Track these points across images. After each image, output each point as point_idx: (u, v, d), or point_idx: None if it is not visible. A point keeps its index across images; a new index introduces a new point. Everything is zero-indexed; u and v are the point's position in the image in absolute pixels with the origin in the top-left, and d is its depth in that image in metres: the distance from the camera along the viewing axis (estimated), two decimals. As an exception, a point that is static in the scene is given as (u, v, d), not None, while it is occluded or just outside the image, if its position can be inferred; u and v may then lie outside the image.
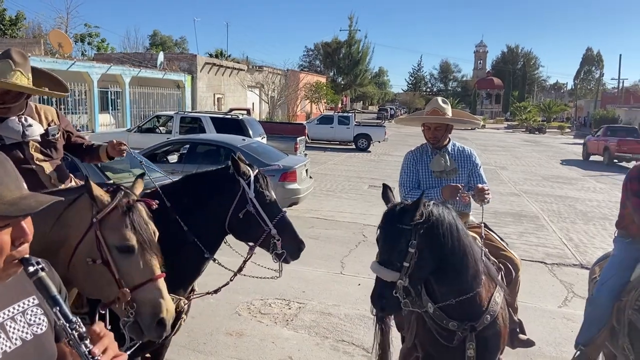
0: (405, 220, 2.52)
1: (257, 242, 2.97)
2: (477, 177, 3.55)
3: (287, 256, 2.97)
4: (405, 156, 3.72)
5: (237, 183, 2.92)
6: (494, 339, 2.81)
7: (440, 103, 3.64)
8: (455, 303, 2.67)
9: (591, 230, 10.20)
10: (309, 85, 41.28)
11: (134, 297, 1.91)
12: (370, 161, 20.64)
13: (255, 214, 2.89)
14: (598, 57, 78.86)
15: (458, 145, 3.70)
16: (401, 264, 2.49)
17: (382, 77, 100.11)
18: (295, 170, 9.49)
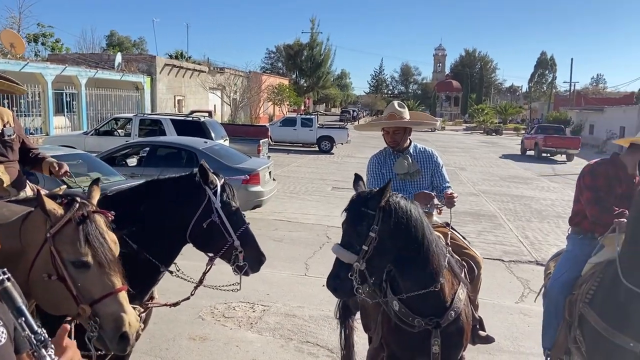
0: (370, 205, 2.61)
1: (219, 253, 2.90)
2: (440, 177, 3.64)
3: (247, 269, 2.93)
4: (369, 160, 3.78)
5: (202, 191, 2.85)
6: (458, 335, 2.89)
7: (396, 107, 3.70)
8: (419, 298, 2.73)
9: (545, 228, 10.58)
10: (272, 87, 41.17)
11: (95, 311, 1.85)
12: (334, 163, 20.76)
13: (220, 224, 2.83)
14: (551, 61, 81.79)
15: (420, 146, 3.78)
16: (360, 247, 2.56)
17: (345, 79, 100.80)
18: (258, 173, 9.45)
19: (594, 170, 3.31)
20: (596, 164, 3.35)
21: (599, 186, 3.22)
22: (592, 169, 3.31)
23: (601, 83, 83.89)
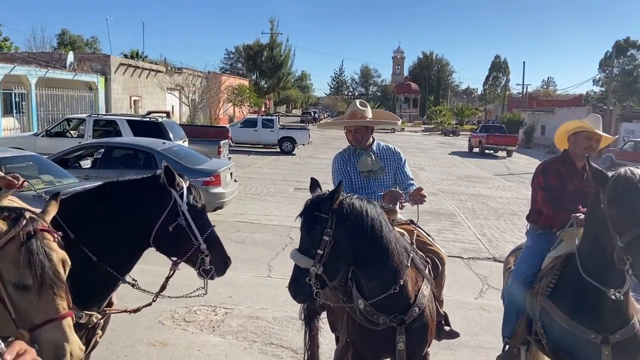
0: (323, 208, 2.61)
1: (184, 257, 2.82)
2: (403, 174, 3.66)
3: (213, 272, 2.85)
4: (334, 158, 3.78)
5: (167, 194, 2.76)
6: (422, 332, 2.91)
7: (358, 106, 3.71)
8: (384, 298, 2.74)
9: (502, 226, 10.87)
10: (232, 88, 40.75)
11: (35, 338, 1.70)
12: (296, 164, 20.72)
13: (186, 227, 2.75)
14: (504, 64, 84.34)
15: (383, 144, 3.79)
16: (315, 251, 2.56)
17: (305, 80, 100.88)
18: (219, 174, 9.31)
19: (545, 169, 3.40)
20: (547, 163, 3.45)
21: (552, 185, 3.31)
22: (544, 169, 3.41)
23: (551, 86, 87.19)
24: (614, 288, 2.63)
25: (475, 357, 4.90)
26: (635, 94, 52.23)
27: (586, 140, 3.28)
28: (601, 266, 2.66)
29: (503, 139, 29.42)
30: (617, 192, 2.53)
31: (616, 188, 2.54)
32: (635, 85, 53.01)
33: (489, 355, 4.95)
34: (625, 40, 58.60)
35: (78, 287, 1.96)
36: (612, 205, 2.54)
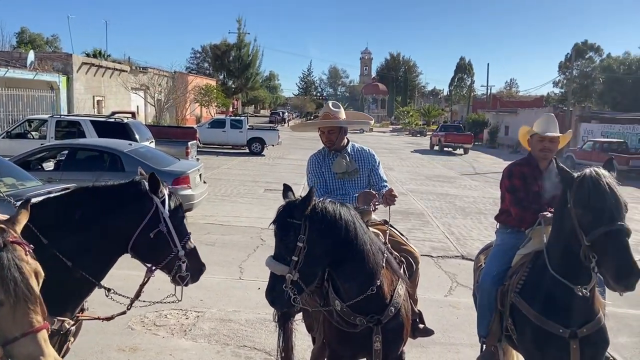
0: (295, 214, 2.62)
1: (161, 263, 2.80)
2: (377, 175, 3.69)
3: (188, 279, 2.86)
4: (309, 160, 3.78)
5: (148, 200, 2.75)
6: (398, 331, 2.95)
7: (331, 107, 3.72)
8: (361, 299, 2.76)
9: (469, 224, 11.10)
10: (199, 88, 40.23)
11: (9, 352, 1.66)
12: (265, 165, 20.62)
13: (167, 234, 2.75)
14: (469, 66, 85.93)
15: (357, 145, 3.82)
16: (290, 258, 2.57)
17: (273, 81, 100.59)
18: (188, 176, 9.19)
19: (510, 172, 3.50)
20: (512, 166, 3.55)
21: (517, 187, 3.41)
22: (509, 172, 3.51)
23: (514, 87, 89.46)
24: (581, 285, 2.73)
25: (446, 354, 4.99)
26: (593, 96, 54.02)
27: (539, 143, 3.39)
28: (568, 263, 2.76)
29: (459, 137, 32.47)
30: (583, 193, 2.62)
31: (582, 188, 2.64)
32: (593, 86, 54.81)
33: (459, 351, 5.06)
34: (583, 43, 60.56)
35: (51, 293, 1.91)
36: (578, 205, 2.63)
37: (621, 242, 2.49)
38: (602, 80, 50.91)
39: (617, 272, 2.48)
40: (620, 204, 2.58)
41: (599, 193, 2.58)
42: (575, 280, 2.75)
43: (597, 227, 2.53)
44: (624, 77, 45.92)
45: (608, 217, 2.54)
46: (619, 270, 2.48)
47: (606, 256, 2.52)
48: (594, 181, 2.61)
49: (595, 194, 2.58)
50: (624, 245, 2.48)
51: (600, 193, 2.58)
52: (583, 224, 2.61)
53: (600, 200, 2.57)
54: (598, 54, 60.11)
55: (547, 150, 3.38)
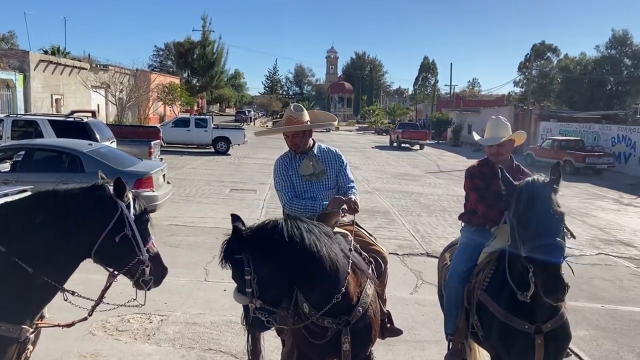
0: (235, 249, 2.57)
1: (124, 268, 2.78)
2: (345, 176, 3.69)
3: (151, 283, 2.85)
4: (275, 162, 3.75)
5: (113, 204, 2.72)
6: (367, 331, 2.95)
7: (293, 111, 3.67)
8: (327, 301, 2.75)
9: (434, 222, 11.27)
10: (162, 87, 39.48)
11: None
12: (231, 164, 20.41)
13: (132, 238, 2.73)
14: (433, 66, 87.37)
15: (324, 146, 3.80)
16: (245, 290, 2.55)
17: (239, 79, 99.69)
18: (151, 176, 9.00)
19: (470, 174, 3.60)
20: (471, 168, 3.65)
21: (479, 186, 3.51)
22: (469, 173, 3.60)
23: (476, 86, 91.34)
24: (522, 290, 2.82)
25: (412, 352, 5.04)
26: (551, 95, 55.69)
27: (488, 149, 3.53)
28: (517, 268, 2.85)
29: (415, 134, 35.41)
30: (521, 205, 2.71)
31: (520, 200, 2.72)
32: (551, 86, 56.50)
33: (425, 348, 5.12)
34: (542, 44, 62.34)
35: (10, 301, 1.85)
36: (515, 217, 2.73)
37: (548, 258, 2.57)
38: (560, 80, 52.54)
39: (545, 286, 2.59)
40: (551, 216, 2.65)
41: (533, 208, 2.66)
42: (520, 285, 2.84)
43: (530, 241, 2.63)
44: (580, 78, 47.52)
45: (540, 232, 2.61)
46: (547, 285, 2.58)
47: (537, 270, 2.62)
48: (529, 195, 2.69)
49: (530, 208, 2.66)
50: (550, 262, 2.57)
51: (535, 208, 2.65)
52: (520, 235, 2.70)
53: (534, 216, 2.65)
54: (556, 55, 62.02)
55: (497, 154, 3.50)
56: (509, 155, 3.56)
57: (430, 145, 39.66)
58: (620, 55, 46.89)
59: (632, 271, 8.31)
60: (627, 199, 17.04)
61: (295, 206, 3.48)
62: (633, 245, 10.09)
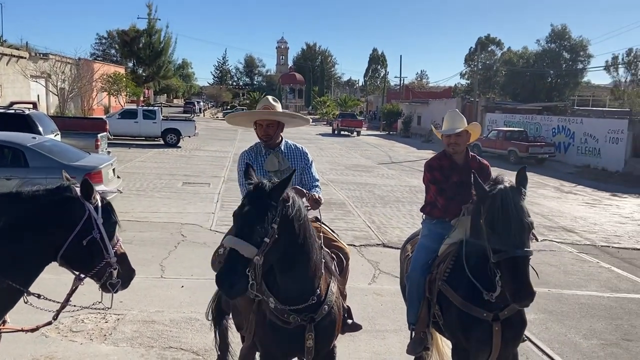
0: (273, 196, 2.52)
1: (92, 271, 2.70)
2: (309, 174, 3.69)
3: (119, 286, 2.79)
4: (239, 157, 3.69)
5: (79, 207, 2.63)
6: (331, 328, 2.97)
7: (271, 101, 3.68)
8: (296, 295, 2.76)
9: (389, 212, 11.47)
10: (106, 77, 38.00)
11: None
12: (182, 157, 19.97)
13: (100, 241, 2.65)
14: (382, 57, 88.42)
15: (290, 143, 3.76)
16: (262, 240, 2.43)
17: (187, 69, 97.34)
18: (100, 171, 8.69)
19: (430, 167, 3.71)
20: (431, 161, 3.76)
21: (438, 179, 3.62)
22: (429, 166, 3.71)
23: (424, 78, 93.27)
24: (489, 290, 2.94)
25: (373, 341, 5.14)
26: (496, 87, 57.68)
27: (447, 139, 3.64)
28: (480, 267, 2.96)
29: (352, 122, 40.68)
30: (493, 214, 2.80)
31: (492, 209, 2.81)
32: (495, 78, 58.49)
33: (385, 337, 5.24)
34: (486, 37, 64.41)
35: None
36: (487, 225, 2.82)
37: (518, 269, 2.70)
38: (504, 72, 54.47)
39: (514, 293, 2.70)
40: (523, 228, 2.77)
41: (505, 218, 2.75)
42: (485, 285, 2.96)
43: (501, 251, 2.73)
44: (522, 70, 49.44)
45: (511, 243, 2.72)
46: (516, 292, 2.70)
47: (506, 277, 2.73)
48: (502, 204, 2.78)
49: (502, 218, 2.76)
50: (520, 272, 2.69)
51: (507, 218, 2.75)
52: (491, 242, 2.80)
53: (506, 226, 2.75)
54: (499, 48, 64.23)
55: (454, 144, 3.62)
56: (465, 146, 3.68)
57: (381, 137, 40.35)
58: (560, 49, 49.14)
59: (575, 256, 8.79)
60: (567, 187, 17.95)
61: None
62: (574, 232, 10.67)
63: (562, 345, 5.24)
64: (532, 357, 4.89)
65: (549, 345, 5.19)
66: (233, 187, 13.25)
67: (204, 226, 9.26)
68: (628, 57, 54.70)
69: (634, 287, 7.29)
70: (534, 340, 5.18)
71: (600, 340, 5.41)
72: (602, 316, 6.10)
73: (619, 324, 5.89)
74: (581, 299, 6.63)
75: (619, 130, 22.45)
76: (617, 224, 11.79)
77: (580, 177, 20.79)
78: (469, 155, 3.70)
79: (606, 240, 10.12)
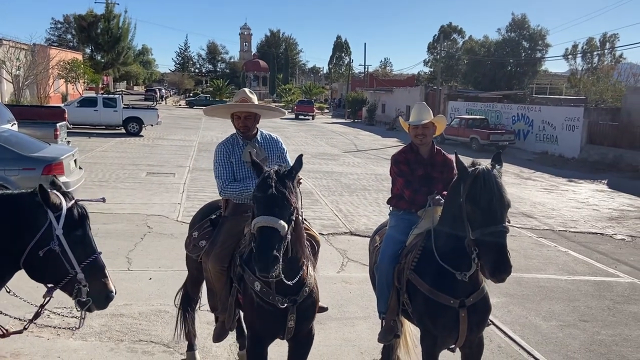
0: (290, 178, 2.86)
1: (58, 285, 2.59)
2: (285, 161, 3.79)
3: (91, 305, 2.66)
4: (216, 149, 3.76)
5: (43, 213, 2.49)
6: (311, 309, 3.17)
7: (248, 93, 3.79)
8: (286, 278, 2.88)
9: (355, 201, 11.60)
10: (63, 63, 36.68)
11: None
12: (145, 146, 19.57)
13: (61, 253, 2.51)
14: (346, 45, 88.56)
15: (265, 132, 3.88)
16: (289, 218, 2.72)
17: (147, 55, 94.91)
18: (61, 162, 8.44)
19: (396, 160, 3.79)
20: (397, 155, 3.85)
21: (404, 172, 3.71)
22: (395, 160, 3.80)
23: (388, 66, 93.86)
24: (462, 271, 3.05)
25: (343, 328, 5.23)
26: (458, 75, 58.65)
27: (414, 130, 3.73)
28: (454, 249, 3.06)
29: (307, 108, 46.93)
30: (475, 191, 2.88)
31: (474, 187, 2.89)
32: (458, 67, 59.44)
33: (354, 324, 5.34)
34: (448, 26, 65.30)
35: None
36: (469, 201, 2.90)
37: (500, 242, 2.79)
38: (466, 61, 55.39)
39: (493, 268, 2.80)
40: (504, 205, 2.87)
41: (488, 194, 2.85)
42: (458, 266, 3.07)
43: (483, 227, 2.82)
44: (483, 59, 50.38)
45: (493, 218, 2.82)
46: (495, 267, 2.79)
47: (486, 252, 2.82)
48: (485, 181, 2.88)
49: (485, 194, 2.85)
50: (502, 245, 2.78)
51: (489, 194, 2.85)
52: (471, 219, 2.89)
53: (488, 201, 2.84)
54: (461, 37, 65.22)
55: (421, 135, 3.71)
56: (431, 138, 3.78)
57: (347, 125, 40.56)
58: (519, 38, 50.24)
59: (534, 241, 9.13)
60: (527, 173, 18.54)
61: (229, 190, 3.61)
62: (533, 217, 11.06)
63: (523, 327, 5.47)
64: (495, 339, 5.09)
65: (511, 327, 5.41)
66: (199, 177, 13.12)
67: (170, 217, 9.15)
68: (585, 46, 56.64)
69: (589, 270, 7.65)
70: (497, 323, 5.39)
71: (559, 322, 5.67)
72: (561, 298, 6.39)
73: (576, 305, 6.19)
74: (540, 282, 6.92)
75: (575, 118, 23.28)
76: (573, 209, 12.28)
77: (539, 163, 21.49)
78: (435, 149, 3.80)
79: (563, 225, 10.54)
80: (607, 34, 55.50)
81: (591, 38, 56.99)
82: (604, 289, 6.82)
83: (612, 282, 7.16)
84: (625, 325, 5.67)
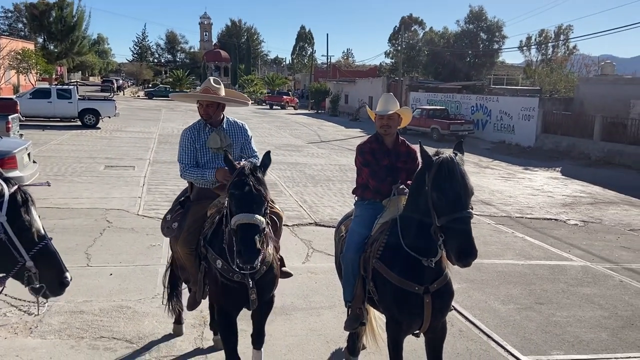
0: (261, 173, 3.12)
1: (9, 273, 2.53)
2: (249, 148, 4.00)
3: (46, 290, 2.59)
4: (182, 134, 3.93)
5: None
6: (270, 283, 3.53)
7: (212, 83, 3.92)
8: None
9: (319, 192, 11.64)
10: (14, 53, 35.16)
11: None
12: (102, 139, 19.02)
13: (7, 242, 2.44)
14: (309, 35, 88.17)
15: (231, 119, 4.03)
16: (264, 210, 3.02)
17: (103, 45, 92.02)
18: (14, 156, 8.13)
19: (361, 150, 3.83)
20: (362, 145, 3.88)
21: (369, 162, 3.75)
22: (360, 150, 3.83)
23: (350, 57, 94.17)
24: (428, 257, 3.12)
25: (309, 318, 5.26)
26: (419, 66, 59.35)
27: (379, 120, 3.79)
28: (420, 237, 3.11)
29: (276, 98, 51.75)
30: (440, 179, 2.94)
31: (439, 175, 2.95)
32: (418, 58, 60.14)
33: (320, 314, 5.38)
34: (409, 17, 65.86)
35: None
36: (434, 189, 2.96)
37: (465, 228, 2.86)
38: (426, 52, 56.11)
39: (459, 253, 2.86)
40: (468, 191, 2.94)
41: (452, 181, 2.91)
42: (424, 253, 3.13)
43: (448, 213, 2.88)
44: (443, 50, 51.18)
45: (458, 204, 2.88)
46: (461, 252, 2.85)
47: (453, 238, 2.88)
48: (449, 169, 2.93)
49: (450, 181, 2.91)
50: (467, 231, 2.85)
51: (454, 181, 2.91)
52: (437, 206, 2.94)
53: (453, 188, 2.90)
54: (422, 28, 65.96)
55: (386, 126, 3.76)
56: (396, 129, 3.83)
57: (310, 115, 40.52)
58: (477, 30, 51.26)
59: (493, 227, 9.40)
60: (485, 162, 19.03)
61: (188, 175, 3.85)
62: (492, 204, 11.38)
63: (483, 311, 5.64)
64: (456, 324, 5.23)
65: (471, 312, 5.57)
66: (160, 170, 12.87)
67: (131, 211, 8.96)
68: (540, 38, 58.26)
69: (545, 254, 7.94)
70: (458, 308, 5.54)
71: (517, 305, 5.88)
72: (518, 282, 6.61)
73: (532, 289, 6.42)
74: (499, 267, 7.14)
75: (530, 108, 24.01)
76: (529, 196, 12.70)
77: (497, 152, 22.08)
78: (399, 140, 3.85)
79: (520, 211, 10.89)
80: (562, 26, 57.12)
81: (543, 30, 58.68)
82: (558, 273, 7.10)
83: (566, 265, 7.46)
84: (579, 307, 5.92)
